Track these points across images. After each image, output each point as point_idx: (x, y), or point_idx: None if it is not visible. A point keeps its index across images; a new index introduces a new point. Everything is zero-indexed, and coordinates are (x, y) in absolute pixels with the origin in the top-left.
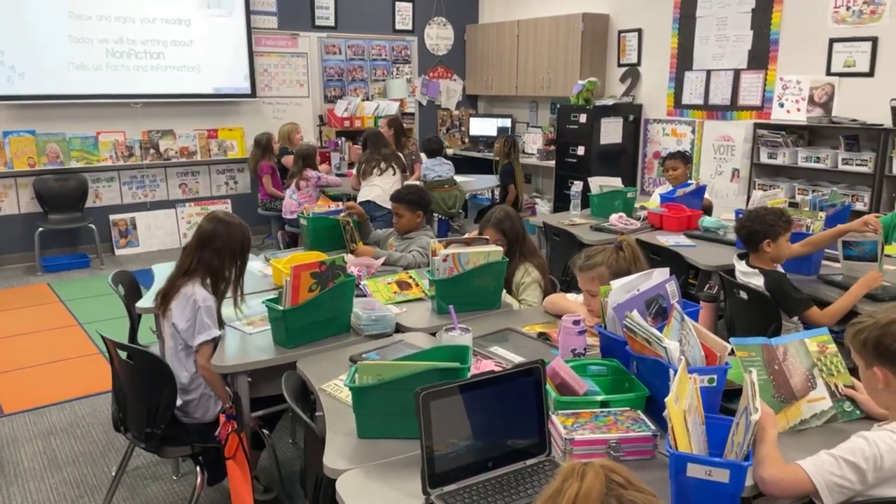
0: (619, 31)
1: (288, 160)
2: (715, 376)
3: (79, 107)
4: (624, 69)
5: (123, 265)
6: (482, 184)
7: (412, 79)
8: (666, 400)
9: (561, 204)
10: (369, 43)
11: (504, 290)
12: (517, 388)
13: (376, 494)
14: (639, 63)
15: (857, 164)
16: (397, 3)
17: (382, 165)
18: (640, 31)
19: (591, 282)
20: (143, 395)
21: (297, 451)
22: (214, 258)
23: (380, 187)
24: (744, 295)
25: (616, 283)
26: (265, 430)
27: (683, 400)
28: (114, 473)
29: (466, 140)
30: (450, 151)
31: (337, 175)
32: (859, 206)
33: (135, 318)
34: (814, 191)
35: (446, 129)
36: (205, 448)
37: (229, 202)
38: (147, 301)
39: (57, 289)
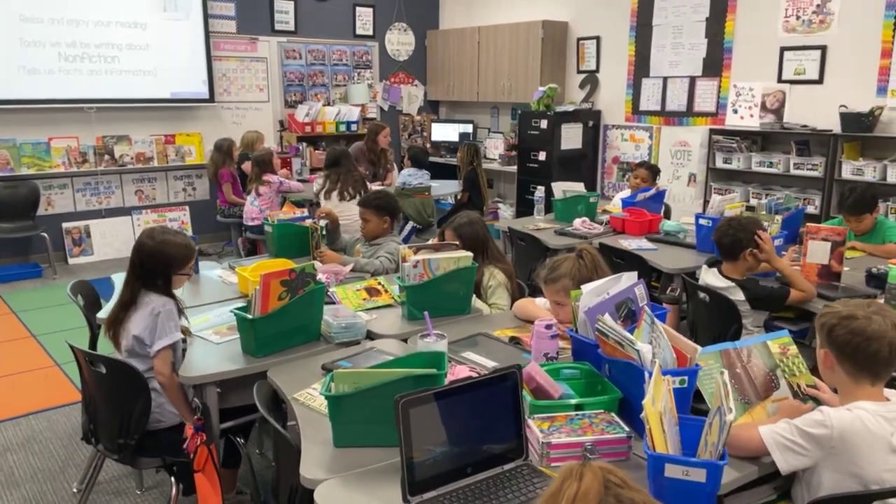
0: (578, 39)
1: (248, 166)
2: (686, 378)
3: (30, 112)
4: (583, 76)
5: (77, 274)
6: (445, 189)
7: (373, 84)
8: (643, 402)
9: (524, 208)
10: (330, 48)
11: (474, 295)
12: (494, 394)
13: None
14: (597, 70)
15: (808, 169)
16: (358, 8)
17: (350, 191)
18: (598, 38)
19: (556, 293)
20: (116, 405)
21: (266, 461)
22: (159, 268)
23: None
24: (705, 297)
25: (587, 288)
26: (240, 439)
27: (659, 402)
28: (76, 490)
29: (428, 145)
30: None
31: (298, 180)
32: (810, 209)
33: (95, 329)
34: (767, 194)
35: (408, 134)
36: (177, 460)
37: (187, 209)
38: (107, 312)
39: (8, 300)
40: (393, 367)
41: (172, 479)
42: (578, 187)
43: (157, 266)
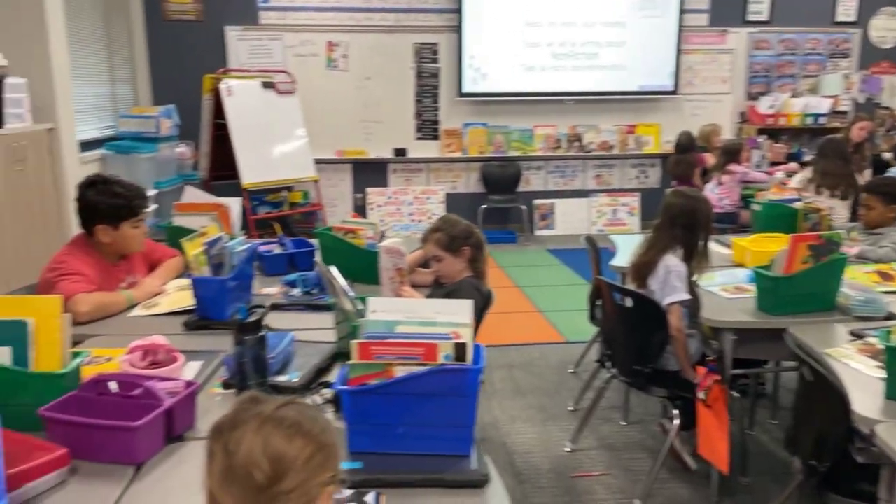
0: None
1: (704, 158)
2: None
3: (522, 103)
4: None
5: (542, 244)
6: None
7: (850, 74)
8: None
9: None
10: (803, 37)
11: None
12: None
13: None
14: None
15: None
16: None
17: (833, 190)
18: None
19: None
20: (636, 335)
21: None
22: (684, 231)
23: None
24: None
25: None
26: (734, 393)
27: None
28: (571, 408)
29: None
30: (888, 155)
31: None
32: None
33: (606, 276)
34: None
35: (886, 129)
36: (680, 395)
37: (638, 196)
38: (618, 261)
39: (494, 257)
40: None
41: (676, 411)
42: None
43: (706, 226)
